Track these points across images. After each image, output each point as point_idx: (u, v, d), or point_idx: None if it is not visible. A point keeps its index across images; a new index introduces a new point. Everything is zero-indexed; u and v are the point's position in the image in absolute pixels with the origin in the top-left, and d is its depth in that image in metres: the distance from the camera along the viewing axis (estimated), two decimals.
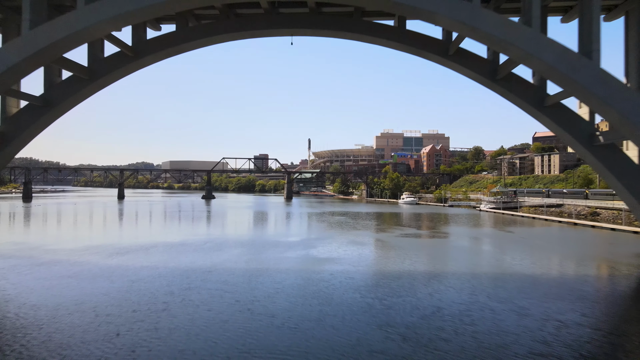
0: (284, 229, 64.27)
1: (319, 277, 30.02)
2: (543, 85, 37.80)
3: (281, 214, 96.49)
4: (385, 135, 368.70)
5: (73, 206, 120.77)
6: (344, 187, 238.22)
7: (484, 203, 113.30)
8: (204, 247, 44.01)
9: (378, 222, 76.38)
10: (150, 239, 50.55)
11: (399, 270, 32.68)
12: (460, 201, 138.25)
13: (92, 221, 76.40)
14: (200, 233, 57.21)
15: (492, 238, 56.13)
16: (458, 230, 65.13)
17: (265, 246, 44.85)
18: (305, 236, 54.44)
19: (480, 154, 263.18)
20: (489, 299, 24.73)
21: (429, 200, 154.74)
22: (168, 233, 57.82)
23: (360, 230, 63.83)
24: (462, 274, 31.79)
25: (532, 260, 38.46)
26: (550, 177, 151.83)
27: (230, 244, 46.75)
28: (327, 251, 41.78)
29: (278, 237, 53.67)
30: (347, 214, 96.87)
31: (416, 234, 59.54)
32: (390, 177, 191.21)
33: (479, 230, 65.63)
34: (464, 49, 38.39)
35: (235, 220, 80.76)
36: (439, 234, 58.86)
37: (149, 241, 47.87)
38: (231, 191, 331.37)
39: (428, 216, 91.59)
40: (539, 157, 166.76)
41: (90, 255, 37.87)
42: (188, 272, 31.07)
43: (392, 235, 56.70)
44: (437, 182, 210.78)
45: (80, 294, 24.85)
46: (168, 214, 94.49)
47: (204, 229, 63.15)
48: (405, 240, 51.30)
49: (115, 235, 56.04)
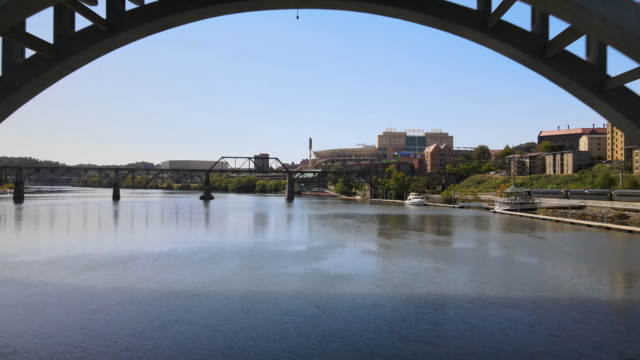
0: (287, 235, 57.76)
1: (338, 303, 23.56)
2: (602, 64, 31.32)
3: (283, 217, 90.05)
4: (388, 134, 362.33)
5: (64, 208, 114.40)
6: (346, 187, 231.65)
7: (498, 204, 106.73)
8: (195, 258, 37.53)
9: (390, 226, 69.91)
10: (135, 247, 44.09)
11: (438, 293, 26.13)
12: (470, 202, 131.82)
13: (76, 225, 69.95)
14: (193, 240, 50.73)
15: (527, 247, 49.54)
16: (483, 236, 58.71)
17: (266, 258, 38.38)
18: (312, 244, 47.94)
19: (486, 154, 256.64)
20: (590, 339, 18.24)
21: (436, 201, 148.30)
22: (157, 240, 51.39)
23: (372, 236, 57.33)
24: (521, 298, 25.27)
25: (596, 277, 31.98)
26: (564, 176, 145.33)
27: (226, 254, 40.27)
28: (340, 265, 35.30)
29: (281, 245, 47.16)
30: (353, 216, 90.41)
31: (438, 240, 53.02)
32: (395, 177, 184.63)
33: (506, 237, 59.08)
34: (505, 21, 31.90)
35: (233, 224, 74.31)
36: (465, 241, 52.35)
37: (132, 250, 41.42)
38: (231, 191, 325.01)
39: (441, 219, 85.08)
40: (550, 156, 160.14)
41: (55, 271, 31.40)
42: (170, 297, 24.58)
43: (411, 242, 50.22)
44: (443, 182, 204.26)
45: (12, 336, 18.34)
46: (161, 217, 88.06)
47: (197, 235, 56.68)
48: (430, 250, 44.78)
49: (96, 242, 49.58)
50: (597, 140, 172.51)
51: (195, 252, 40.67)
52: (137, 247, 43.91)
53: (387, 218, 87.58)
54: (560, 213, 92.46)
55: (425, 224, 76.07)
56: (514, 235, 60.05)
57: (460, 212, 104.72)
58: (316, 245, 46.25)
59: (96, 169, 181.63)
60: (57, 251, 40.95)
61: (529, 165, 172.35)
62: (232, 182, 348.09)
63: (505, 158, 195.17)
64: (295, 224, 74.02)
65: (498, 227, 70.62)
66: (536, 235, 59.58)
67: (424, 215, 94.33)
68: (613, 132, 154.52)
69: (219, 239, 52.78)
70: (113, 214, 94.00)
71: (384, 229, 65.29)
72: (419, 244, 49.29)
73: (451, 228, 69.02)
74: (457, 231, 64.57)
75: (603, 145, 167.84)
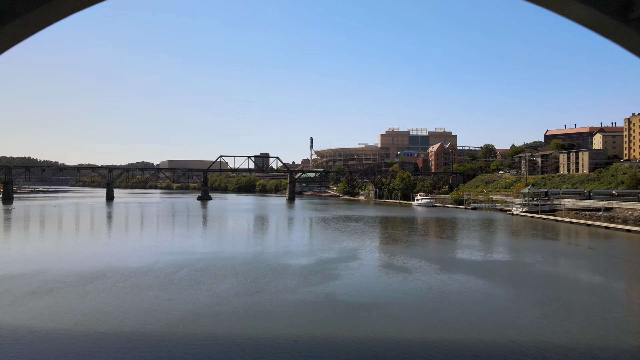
0: (289, 244, 50.29)
1: (369, 355, 16.20)
2: None
3: (283, 220, 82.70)
4: (391, 133, 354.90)
5: (51, 209, 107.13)
6: (349, 187, 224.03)
7: (516, 206, 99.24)
8: (177, 277, 30.20)
9: (404, 232, 62.49)
10: (108, 260, 36.72)
11: (517, 338, 18.71)
12: (481, 203, 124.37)
13: (54, 230, 62.60)
14: (180, 249, 43.39)
15: (582, 260, 42.02)
16: (518, 245, 51.39)
17: (265, 276, 31.05)
18: (320, 255, 40.56)
19: (492, 153, 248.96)
20: None
21: (445, 202, 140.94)
22: (138, 250, 44.08)
23: (389, 244, 49.85)
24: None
25: None
26: (579, 176, 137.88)
27: (216, 270, 32.93)
28: (360, 287, 27.95)
29: (283, 257, 39.76)
30: (361, 219, 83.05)
31: (468, 250, 45.47)
32: (400, 177, 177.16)
33: (546, 245, 51.41)
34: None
35: (228, 229, 66.93)
36: (502, 252, 44.87)
37: (102, 265, 34.09)
38: (231, 191, 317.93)
39: (458, 223, 77.69)
40: (564, 154, 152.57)
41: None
42: (119, 347, 17.20)
43: (438, 252, 42.86)
44: (449, 182, 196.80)
45: None
46: (151, 220, 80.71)
47: (186, 243, 49.31)
48: (465, 264, 37.28)
49: (65, 253, 42.20)
50: (612, 138, 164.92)
51: (179, 267, 33.32)
52: (110, 260, 36.56)
53: (397, 221, 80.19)
54: (584, 215, 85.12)
55: (443, 228, 68.64)
56: (553, 244, 52.53)
57: (475, 215, 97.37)
58: (325, 258, 38.86)
59: (89, 168, 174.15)
60: (13, 265, 33.64)
61: (540, 164, 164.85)
62: (232, 182, 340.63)
63: (514, 157, 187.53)
64: (297, 229, 66.65)
65: (528, 233, 63.18)
66: (580, 243, 52.12)
67: (437, 218, 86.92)
68: (630, 130, 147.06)
69: (210, 248, 45.37)
70: (100, 217, 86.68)
71: (399, 235, 57.92)
72: (447, 254, 41.93)
73: (475, 233, 61.68)
74: (485, 237, 57.21)
75: (619, 144, 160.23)
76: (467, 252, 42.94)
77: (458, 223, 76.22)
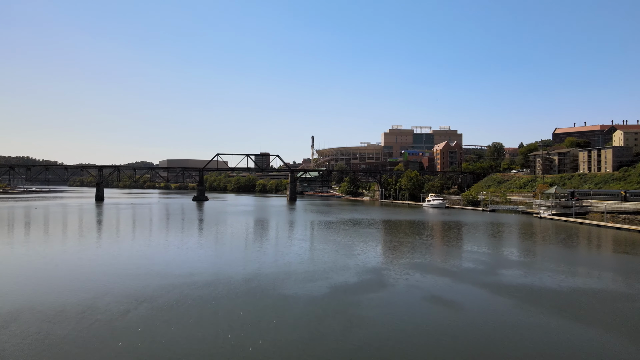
0: (292, 261, 40.20)
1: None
2: None
3: (284, 226, 72.98)
4: (394, 131, 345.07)
5: (30, 211, 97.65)
6: (352, 187, 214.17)
7: (543, 208, 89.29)
8: (123, 323, 20.48)
9: (430, 240, 52.58)
10: (61, 284, 27.04)
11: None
12: (498, 204, 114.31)
13: (16, 238, 52.91)
14: (146, 271, 33.59)
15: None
16: (582, 260, 41.60)
17: (260, 321, 21.34)
18: (334, 280, 30.71)
19: (500, 151, 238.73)
20: None
21: (458, 203, 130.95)
22: (102, 266, 34.38)
23: (420, 259, 39.89)
24: None
25: None
26: (602, 175, 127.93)
27: (187, 310, 23.19)
28: (407, 338, 18.26)
29: (284, 284, 29.88)
30: (372, 224, 73.29)
31: (530, 268, 35.57)
32: (408, 176, 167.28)
33: (619, 261, 41.71)
34: None
35: (219, 238, 57.14)
36: (571, 272, 34.76)
37: (33, 297, 24.45)
38: (230, 191, 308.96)
39: (488, 229, 67.85)
40: (584, 152, 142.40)
41: None
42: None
43: (493, 275, 33.06)
44: (458, 182, 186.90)
45: None
46: (133, 225, 71.02)
47: (159, 260, 39.54)
48: (548, 297, 27.44)
49: (4, 275, 32.49)
50: (633, 135, 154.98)
51: (134, 303, 23.58)
52: (65, 284, 26.86)
53: (415, 226, 70.35)
54: (622, 219, 75.28)
55: (474, 236, 58.46)
56: (629, 260, 42.69)
57: (496, 217, 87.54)
58: (340, 284, 28.96)
59: (77, 167, 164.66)
60: None
61: (557, 162, 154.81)
62: (231, 182, 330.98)
63: (527, 155, 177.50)
64: (300, 239, 56.86)
65: (579, 243, 53.21)
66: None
67: (458, 223, 77.04)
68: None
69: (188, 268, 35.36)
70: (81, 221, 76.96)
71: (425, 246, 48.07)
72: (508, 278, 32.07)
73: (516, 243, 52.00)
74: (532, 250, 47.32)
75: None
76: (530, 274, 32.87)
77: (487, 229, 66.31)
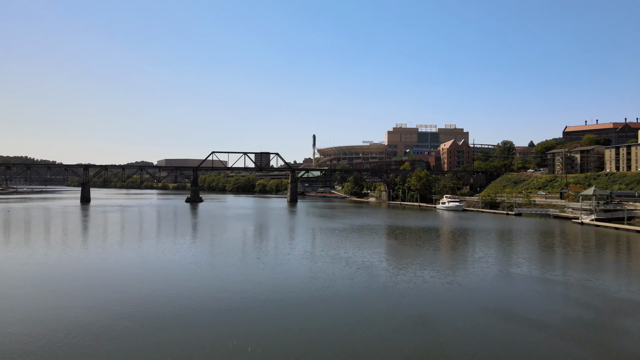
0: (293, 288, 29.22)
1: None
2: None
3: (284, 234, 61.88)
4: (398, 130, 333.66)
5: (1, 214, 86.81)
6: (357, 187, 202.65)
7: (584, 213, 77.64)
8: None
9: (472, 257, 41.44)
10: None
11: None
12: (521, 207, 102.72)
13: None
14: (79, 313, 22.59)
15: None
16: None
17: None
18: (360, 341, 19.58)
19: (511, 150, 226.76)
20: None
21: (475, 205, 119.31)
22: (37, 291, 23.29)
23: (481, 296, 28.74)
24: None
25: None
26: (634, 174, 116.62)
27: None
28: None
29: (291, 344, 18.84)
30: (392, 231, 62.14)
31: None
32: (417, 176, 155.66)
33: None
34: None
35: (204, 252, 46.01)
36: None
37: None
38: (229, 191, 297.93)
39: (527, 237, 56.71)
40: (611, 150, 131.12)
41: None
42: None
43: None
44: (470, 182, 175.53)
45: None
46: (104, 234, 59.94)
47: (120, 289, 28.54)
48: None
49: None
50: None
51: None
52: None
53: (438, 234, 59.16)
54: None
55: (531, 253, 47.11)
56: None
57: (528, 223, 76.26)
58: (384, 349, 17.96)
59: (60, 166, 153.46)
60: None
61: (579, 161, 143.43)
62: (230, 182, 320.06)
63: (545, 153, 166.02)
64: (301, 253, 45.67)
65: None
66: None
67: (488, 230, 65.69)
68: None
69: (157, 299, 24.35)
70: (47, 229, 65.84)
71: (472, 268, 36.89)
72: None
73: (592, 261, 40.89)
74: (623, 272, 36.31)
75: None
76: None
77: (534, 241, 55.03)
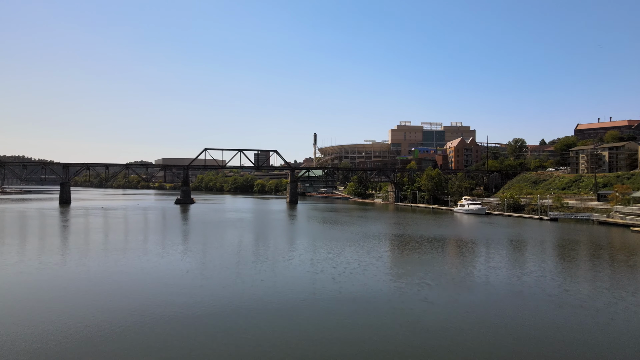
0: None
1: None
2: None
3: (283, 245, 49.55)
4: (402, 128, 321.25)
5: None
6: (361, 188, 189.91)
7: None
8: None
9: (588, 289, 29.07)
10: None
11: None
12: (553, 210, 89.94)
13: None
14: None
15: None
16: None
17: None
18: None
19: (523, 148, 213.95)
20: None
21: (495, 208, 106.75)
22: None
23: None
24: None
25: None
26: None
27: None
28: None
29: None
30: (420, 245, 49.64)
31: None
32: (428, 175, 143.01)
33: None
34: None
35: (182, 274, 33.66)
36: None
37: None
38: (227, 192, 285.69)
39: (595, 249, 44.33)
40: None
41: None
42: None
43: None
44: (484, 182, 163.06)
45: None
46: (64, 248, 47.52)
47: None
48: None
49: None
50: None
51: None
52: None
53: (474, 248, 46.69)
54: None
55: (618, 282, 34.88)
56: None
57: (574, 232, 63.81)
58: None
59: (38, 164, 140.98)
60: None
61: (607, 159, 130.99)
62: (228, 182, 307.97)
63: (567, 151, 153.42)
64: (306, 272, 33.29)
65: None
66: None
67: (533, 240, 53.22)
68: None
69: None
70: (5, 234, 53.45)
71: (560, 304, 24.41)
72: None
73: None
74: None
75: None
76: None
77: (605, 257, 42.66)
